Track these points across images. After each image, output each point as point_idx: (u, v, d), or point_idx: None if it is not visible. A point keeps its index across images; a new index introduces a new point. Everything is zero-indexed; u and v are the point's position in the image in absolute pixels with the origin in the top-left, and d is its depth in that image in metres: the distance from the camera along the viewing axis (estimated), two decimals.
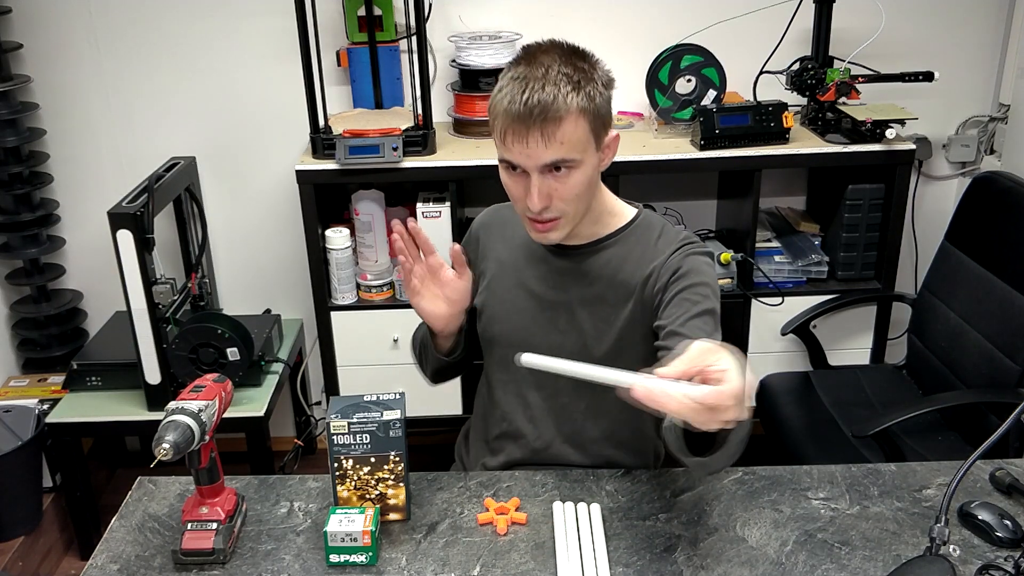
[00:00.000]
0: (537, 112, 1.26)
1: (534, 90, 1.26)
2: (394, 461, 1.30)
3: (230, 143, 2.66)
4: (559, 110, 1.26)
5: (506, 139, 1.30)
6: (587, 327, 1.47)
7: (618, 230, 1.48)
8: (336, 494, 1.32)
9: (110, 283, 2.43)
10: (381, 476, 1.31)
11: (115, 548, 1.32)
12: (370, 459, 1.29)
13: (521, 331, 1.50)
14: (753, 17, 2.47)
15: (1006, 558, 1.22)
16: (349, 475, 1.31)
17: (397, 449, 1.29)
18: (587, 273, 1.47)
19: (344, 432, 1.28)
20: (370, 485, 1.31)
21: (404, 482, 1.32)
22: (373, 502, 1.32)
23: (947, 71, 2.45)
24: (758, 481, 1.43)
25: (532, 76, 1.28)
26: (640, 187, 2.65)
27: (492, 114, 1.33)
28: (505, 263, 1.54)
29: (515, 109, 1.27)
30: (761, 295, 2.45)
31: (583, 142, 1.31)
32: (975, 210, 2.19)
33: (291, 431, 2.94)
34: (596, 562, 1.25)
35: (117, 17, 2.53)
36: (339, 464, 1.30)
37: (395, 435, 1.28)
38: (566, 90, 1.27)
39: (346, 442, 1.28)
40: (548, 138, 1.27)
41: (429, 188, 2.46)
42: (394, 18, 2.49)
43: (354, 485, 1.31)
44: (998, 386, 1.98)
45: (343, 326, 2.47)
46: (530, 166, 1.30)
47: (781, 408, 2.27)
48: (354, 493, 1.32)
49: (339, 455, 1.29)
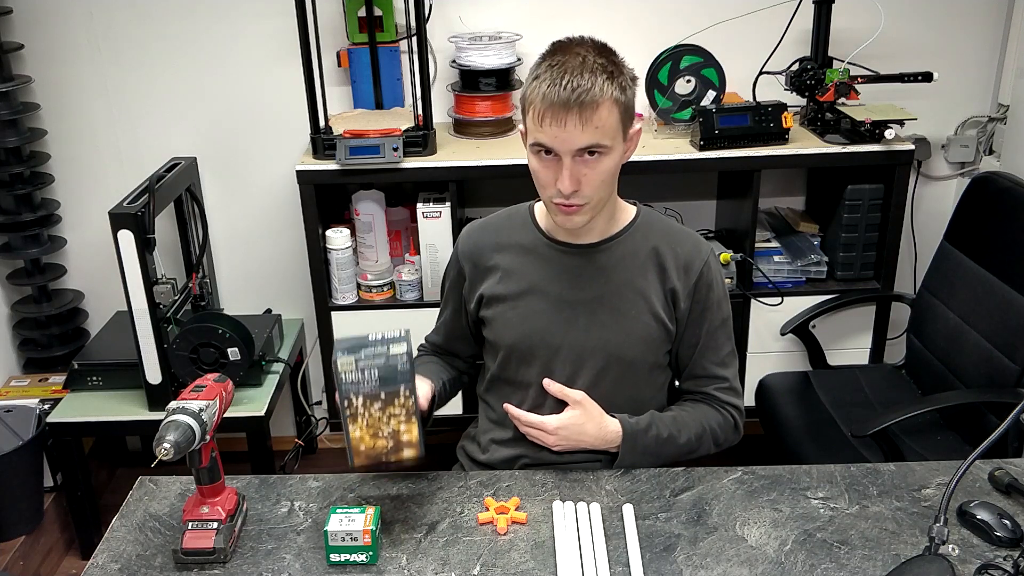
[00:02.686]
0: (575, 97, 1.30)
1: (574, 75, 1.31)
2: (404, 395, 1.28)
3: (231, 143, 2.66)
4: (596, 96, 1.31)
5: (543, 122, 1.33)
6: (608, 324, 1.49)
7: (627, 226, 1.52)
8: (348, 436, 1.29)
9: (111, 283, 2.43)
10: (392, 412, 1.28)
11: (116, 548, 1.32)
12: (380, 395, 1.27)
13: (539, 333, 1.51)
14: (752, 18, 2.47)
15: (1005, 558, 1.22)
16: (360, 414, 1.28)
17: (406, 383, 1.27)
18: (604, 269, 1.50)
19: (351, 370, 1.26)
20: (382, 423, 1.29)
21: (415, 416, 1.30)
22: (387, 439, 1.29)
23: (946, 71, 2.45)
24: (757, 481, 1.43)
25: (571, 63, 1.33)
26: (640, 187, 2.66)
27: (528, 100, 1.37)
28: (511, 269, 1.54)
29: (555, 93, 1.31)
30: (760, 295, 2.45)
31: (614, 130, 1.35)
32: (974, 210, 2.19)
33: (292, 431, 2.94)
34: (596, 562, 1.25)
35: (118, 17, 2.54)
36: (349, 403, 1.27)
37: (403, 369, 1.27)
38: (602, 78, 1.32)
39: (354, 379, 1.26)
40: (585, 122, 1.31)
41: (429, 188, 2.47)
42: (394, 19, 2.49)
43: (366, 424, 1.28)
44: (997, 386, 1.98)
45: (343, 326, 2.48)
46: (564, 150, 1.34)
47: (780, 408, 2.27)
48: (367, 432, 1.29)
49: (348, 393, 1.27)
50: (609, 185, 1.42)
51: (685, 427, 1.52)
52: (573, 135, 1.32)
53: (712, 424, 1.54)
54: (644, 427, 1.48)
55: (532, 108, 1.35)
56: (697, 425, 1.53)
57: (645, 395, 1.56)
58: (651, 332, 1.50)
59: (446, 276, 1.66)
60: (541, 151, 1.37)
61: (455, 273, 1.62)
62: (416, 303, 2.47)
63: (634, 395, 1.54)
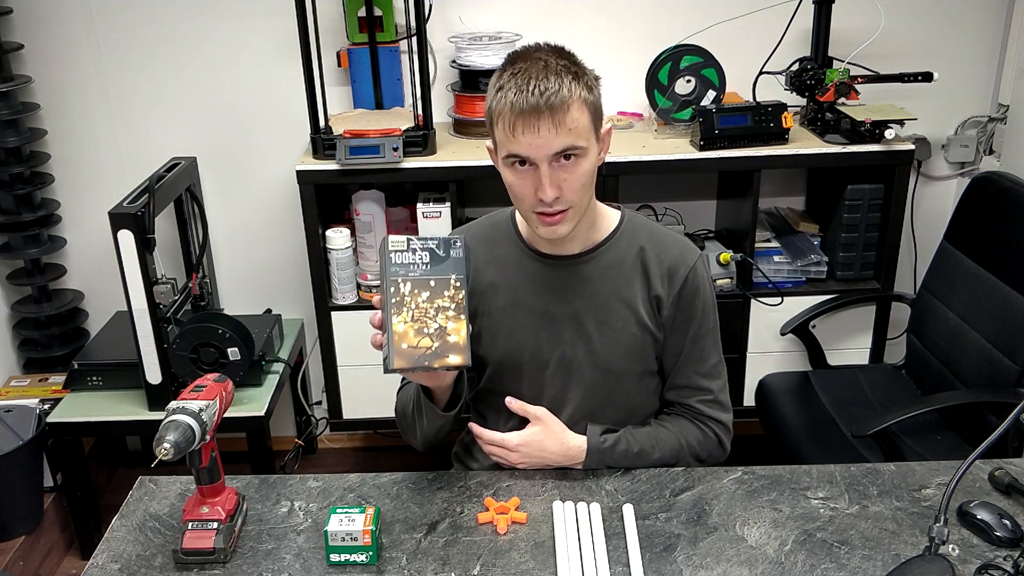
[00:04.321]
0: (545, 100, 1.28)
1: (539, 79, 1.28)
2: (455, 287, 1.18)
3: (231, 143, 2.66)
4: (566, 97, 1.29)
5: (515, 132, 1.30)
6: (595, 336, 1.47)
7: (611, 234, 1.49)
8: (391, 331, 1.17)
9: (111, 283, 2.43)
10: (441, 305, 1.18)
11: (116, 548, 1.32)
12: (429, 282, 1.18)
13: (527, 348, 1.49)
14: (752, 18, 2.47)
15: (1005, 558, 1.22)
16: (406, 303, 1.17)
17: (459, 272, 1.18)
18: (589, 280, 1.47)
19: (402, 249, 1.17)
20: (428, 316, 1.18)
21: (465, 315, 1.19)
22: (431, 338, 1.18)
23: (946, 71, 2.45)
24: (757, 481, 1.43)
25: (533, 69, 1.30)
26: (640, 187, 2.66)
27: (494, 113, 1.33)
28: (497, 284, 1.50)
29: (523, 100, 1.28)
30: (760, 295, 2.45)
31: (588, 130, 1.33)
32: (974, 210, 2.19)
33: (292, 431, 2.94)
34: (596, 562, 1.25)
35: (118, 17, 2.54)
36: (396, 289, 1.17)
37: (456, 255, 1.19)
38: (568, 79, 1.30)
39: (404, 261, 1.16)
40: (559, 125, 1.29)
41: (429, 188, 2.47)
42: (394, 19, 2.49)
43: (411, 316, 1.17)
44: (997, 386, 1.98)
45: (343, 326, 2.48)
46: (540, 156, 1.31)
47: (780, 408, 2.28)
48: (411, 326, 1.17)
49: (396, 276, 1.17)
50: (590, 188, 1.38)
51: (659, 442, 1.48)
52: (548, 139, 1.30)
53: (690, 440, 1.50)
54: (611, 444, 1.45)
55: (501, 120, 1.32)
56: (673, 440, 1.49)
57: (637, 402, 1.54)
58: (638, 342, 1.48)
59: None
60: (515, 162, 1.34)
61: None
62: None
63: (626, 403, 1.52)
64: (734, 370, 2.48)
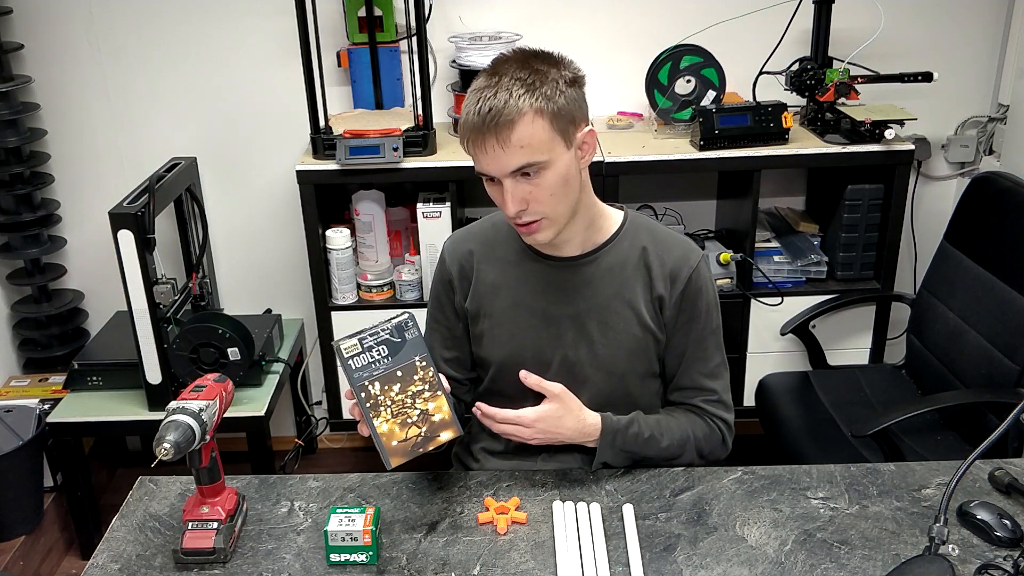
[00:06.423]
0: (489, 119, 1.28)
1: (486, 99, 1.29)
2: (421, 367, 1.17)
3: (231, 143, 2.66)
4: (510, 113, 1.28)
5: (472, 150, 1.33)
6: (597, 337, 1.47)
7: (613, 235, 1.49)
8: (376, 434, 1.17)
9: (111, 283, 2.43)
10: (415, 391, 1.18)
11: (116, 548, 1.32)
12: (396, 374, 1.17)
13: (529, 350, 1.49)
14: (753, 18, 2.47)
15: (1005, 558, 1.22)
16: (381, 402, 1.16)
17: (420, 352, 1.16)
18: (591, 282, 1.47)
19: (357, 352, 1.15)
20: (407, 407, 1.18)
21: (440, 390, 1.18)
22: (417, 425, 1.19)
23: (946, 71, 2.45)
24: (757, 481, 1.43)
25: (486, 86, 1.30)
26: (640, 187, 2.66)
27: (460, 130, 1.35)
28: (499, 285, 1.51)
29: (471, 121, 1.30)
30: (760, 295, 2.45)
31: (546, 142, 1.31)
32: (974, 210, 2.19)
33: (292, 431, 2.94)
34: (596, 562, 1.25)
35: (118, 17, 2.54)
36: (366, 393, 1.16)
37: (412, 336, 1.17)
38: (518, 93, 1.28)
39: (363, 363, 1.15)
40: (504, 143, 1.29)
41: (429, 188, 2.47)
42: (394, 19, 2.49)
43: (391, 413, 1.17)
44: (997, 386, 1.98)
45: (343, 326, 2.48)
46: (498, 173, 1.32)
47: (780, 408, 2.28)
48: (394, 423, 1.17)
49: (362, 380, 1.15)
50: (563, 197, 1.35)
51: (668, 431, 1.49)
52: (498, 158, 1.30)
53: (697, 433, 1.51)
54: (625, 424, 1.46)
55: (462, 138, 1.34)
56: (681, 431, 1.50)
57: (641, 404, 1.53)
58: (640, 343, 1.48)
59: (433, 295, 1.59)
60: (484, 177, 1.36)
61: (443, 288, 1.56)
62: (416, 303, 2.47)
63: (629, 403, 1.52)
64: (734, 370, 2.48)
